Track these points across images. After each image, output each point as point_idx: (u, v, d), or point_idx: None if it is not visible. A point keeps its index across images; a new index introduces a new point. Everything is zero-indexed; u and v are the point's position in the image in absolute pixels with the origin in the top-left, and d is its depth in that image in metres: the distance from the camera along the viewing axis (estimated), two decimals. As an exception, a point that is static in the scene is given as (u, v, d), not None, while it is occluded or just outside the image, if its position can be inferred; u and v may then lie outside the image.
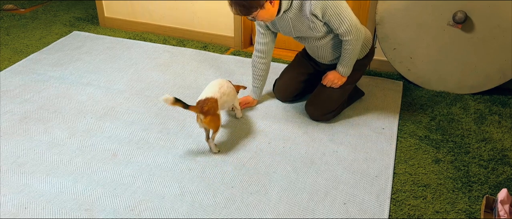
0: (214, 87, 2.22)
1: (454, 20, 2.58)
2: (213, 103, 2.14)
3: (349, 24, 2.18)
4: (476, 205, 1.98)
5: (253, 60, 2.55)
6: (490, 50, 2.62)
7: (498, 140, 2.39)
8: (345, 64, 2.37)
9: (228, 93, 2.28)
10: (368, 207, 1.95)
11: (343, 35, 2.23)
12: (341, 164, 2.20)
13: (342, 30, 2.20)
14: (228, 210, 1.92)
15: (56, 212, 1.90)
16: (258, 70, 2.55)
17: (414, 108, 2.66)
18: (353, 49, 2.28)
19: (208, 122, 2.14)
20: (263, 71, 2.55)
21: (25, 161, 2.19)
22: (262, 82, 2.60)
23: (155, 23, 3.61)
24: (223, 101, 2.24)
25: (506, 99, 2.75)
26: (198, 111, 2.12)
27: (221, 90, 2.22)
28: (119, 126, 2.46)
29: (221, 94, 2.21)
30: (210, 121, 2.14)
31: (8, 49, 3.34)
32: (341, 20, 2.17)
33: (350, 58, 2.33)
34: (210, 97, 2.16)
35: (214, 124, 2.17)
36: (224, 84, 2.27)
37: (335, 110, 2.48)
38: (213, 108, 2.14)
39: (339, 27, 2.19)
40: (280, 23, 2.31)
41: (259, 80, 2.59)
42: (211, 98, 2.15)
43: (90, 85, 2.86)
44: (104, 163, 2.18)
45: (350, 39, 2.23)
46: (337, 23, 2.18)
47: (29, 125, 2.46)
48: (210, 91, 2.19)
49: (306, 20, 2.21)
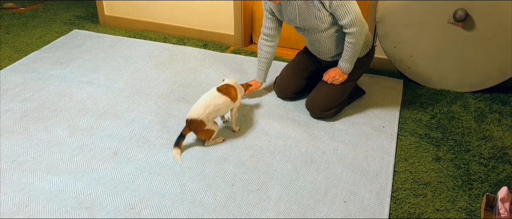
0: (199, 107, 2.21)
1: (455, 18, 2.58)
2: (198, 123, 2.20)
3: (354, 16, 2.19)
4: (476, 203, 1.98)
5: (259, 43, 2.58)
6: (491, 48, 2.62)
7: (499, 138, 2.39)
8: (347, 60, 2.36)
9: (217, 110, 2.24)
10: (368, 205, 1.95)
11: (347, 26, 2.23)
12: (341, 162, 2.20)
13: (346, 21, 2.21)
14: (228, 208, 1.92)
15: (57, 210, 1.90)
16: (264, 53, 2.58)
17: (414, 106, 2.66)
18: (356, 43, 2.28)
19: (200, 136, 2.26)
20: (269, 54, 2.58)
21: (25, 159, 2.19)
22: (267, 65, 2.62)
23: (155, 21, 3.61)
24: (212, 117, 2.24)
25: (506, 98, 2.74)
26: (187, 129, 2.22)
27: (206, 111, 2.20)
28: (120, 124, 2.46)
29: (207, 113, 2.20)
30: (200, 135, 2.26)
31: (8, 48, 3.34)
32: (347, 10, 2.18)
33: (352, 53, 2.32)
34: (195, 119, 2.20)
35: (205, 135, 2.26)
36: (210, 103, 2.22)
37: (335, 107, 2.48)
38: (200, 126, 2.21)
39: (343, 17, 2.20)
40: (286, 8, 2.32)
41: (264, 63, 2.61)
42: (195, 120, 2.20)
43: (91, 83, 2.86)
44: (104, 162, 2.18)
45: (354, 32, 2.23)
46: (342, 14, 2.19)
47: (29, 124, 2.46)
48: (195, 113, 2.21)
49: (313, 8, 2.22)
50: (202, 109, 2.21)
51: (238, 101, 2.38)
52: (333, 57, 2.49)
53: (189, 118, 2.21)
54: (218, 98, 2.26)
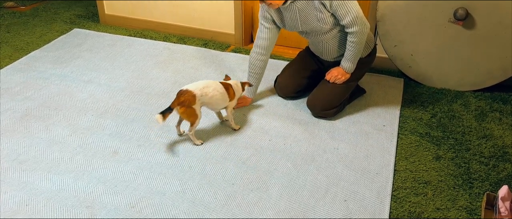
0: (199, 84, 2.22)
1: (455, 17, 2.58)
2: (189, 96, 2.15)
3: (355, 15, 2.20)
4: (476, 202, 1.98)
5: (251, 57, 2.54)
6: (491, 47, 2.62)
7: (499, 137, 2.39)
8: (349, 60, 2.36)
9: (212, 96, 2.23)
10: (368, 204, 1.95)
11: (348, 26, 2.23)
12: (341, 161, 2.20)
13: (347, 20, 2.21)
14: (229, 207, 1.93)
15: (57, 209, 1.90)
16: (255, 68, 2.54)
17: (415, 105, 2.66)
18: (358, 42, 2.28)
19: (182, 112, 2.17)
20: (260, 69, 2.55)
21: (26, 158, 2.19)
22: (258, 80, 2.60)
23: (156, 20, 3.61)
24: (204, 101, 2.22)
25: (507, 97, 2.74)
26: (175, 101, 2.15)
27: (203, 90, 2.19)
28: (120, 124, 2.46)
29: (202, 93, 2.19)
30: (183, 112, 2.17)
31: (8, 47, 3.34)
32: (348, 10, 2.18)
33: (354, 52, 2.32)
34: (189, 90, 2.17)
35: (187, 116, 2.19)
36: (211, 86, 2.24)
37: (336, 106, 2.48)
38: (188, 101, 2.15)
39: (344, 17, 2.20)
40: (286, 14, 2.31)
41: (255, 79, 2.58)
42: (189, 92, 2.16)
43: (91, 82, 2.86)
44: (105, 160, 2.18)
45: (356, 31, 2.23)
46: (343, 13, 2.19)
47: (30, 123, 2.46)
48: (193, 85, 2.20)
49: (314, 10, 2.22)
50: (201, 86, 2.20)
51: (233, 102, 2.37)
52: (336, 58, 2.49)
53: (183, 88, 2.18)
54: (218, 86, 2.27)
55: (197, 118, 2.21)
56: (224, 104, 2.32)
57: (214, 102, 2.27)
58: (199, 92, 2.18)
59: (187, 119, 2.21)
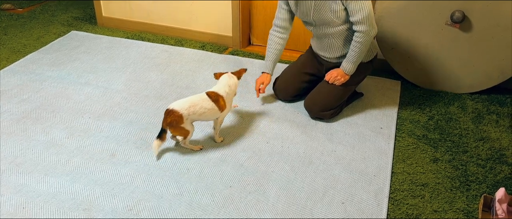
0: (185, 102, 2.16)
1: (452, 20, 2.58)
2: (176, 117, 2.12)
3: (367, 15, 2.21)
4: (474, 204, 1.98)
5: (270, 34, 2.57)
6: (488, 49, 2.63)
7: (496, 139, 2.40)
8: (351, 61, 2.37)
9: (200, 113, 2.17)
10: (366, 207, 1.95)
11: (357, 23, 2.24)
12: (339, 164, 2.20)
13: (358, 17, 2.22)
14: (226, 209, 1.92)
15: (54, 212, 1.89)
16: (275, 44, 2.56)
17: (412, 107, 2.66)
18: (363, 43, 2.28)
19: (173, 132, 2.19)
20: (280, 45, 2.57)
21: (23, 160, 2.19)
22: (276, 56, 2.60)
23: (153, 22, 3.61)
24: (193, 118, 2.18)
25: (504, 99, 2.75)
26: (164, 122, 2.14)
27: (190, 109, 2.13)
28: (117, 126, 2.46)
29: (189, 112, 2.14)
30: (173, 131, 2.18)
31: (5, 49, 3.33)
32: (361, 7, 2.20)
33: (357, 54, 2.33)
34: (175, 111, 2.12)
35: (179, 134, 2.21)
36: (197, 104, 2.16)
37: (334, 108, 2.48)
38: (176, 121, 2.13)
39: (356, 13, 2.21)
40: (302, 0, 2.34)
41: (274, 54, 2.58)
42: (175, 112, 2.12)
43: (88, 85, 2.85)
44: (102, 163, 2.18)
45: (363, 31, 2.24)
46: (356, 9, 2.21)
47: (27, 125, 2.45)
48: (179, 104, 2.15)
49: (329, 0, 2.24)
50: (187, 105, 2.15)
51: (225, 112, 2.30)
52: (338, 58, 2.49)
53: (169, 108, 2.14)
54: (206, 102, 2.19)
55: (189, 133, 2.20)
56: (216, 116, 2.27)
57: (205, 118, 2.23)
58: (186, 112, 2.13)
59: (179, 135, 2.22)
